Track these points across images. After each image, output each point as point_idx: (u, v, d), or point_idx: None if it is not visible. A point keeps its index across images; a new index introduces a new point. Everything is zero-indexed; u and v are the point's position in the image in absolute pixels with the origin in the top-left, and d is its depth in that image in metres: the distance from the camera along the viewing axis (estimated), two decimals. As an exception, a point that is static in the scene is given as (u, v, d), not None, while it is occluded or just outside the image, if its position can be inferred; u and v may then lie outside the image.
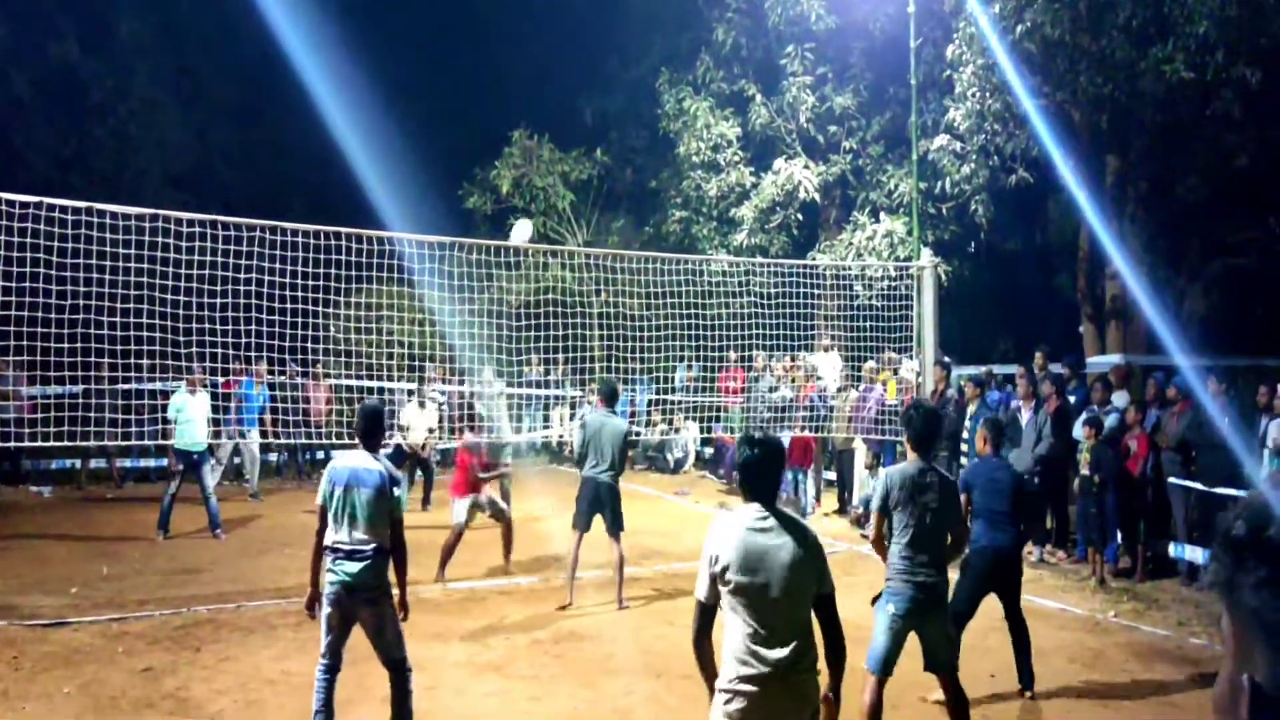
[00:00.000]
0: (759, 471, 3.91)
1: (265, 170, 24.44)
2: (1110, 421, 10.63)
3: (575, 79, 23.44)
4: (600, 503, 9.06)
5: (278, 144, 24.59)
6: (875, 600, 5.63)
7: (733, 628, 3.76)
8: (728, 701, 3.74)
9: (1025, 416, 11.32)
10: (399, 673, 5.76)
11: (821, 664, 3.85)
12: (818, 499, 13.24)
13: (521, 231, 12.16)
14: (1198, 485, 9.85)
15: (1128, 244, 15.57)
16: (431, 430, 12.98)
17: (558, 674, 7.27)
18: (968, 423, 11.68)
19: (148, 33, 23.76)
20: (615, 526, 9.07)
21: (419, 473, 13.77)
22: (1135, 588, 9.86)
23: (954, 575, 6.08)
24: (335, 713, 5.74)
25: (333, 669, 5.72)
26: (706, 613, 3.83)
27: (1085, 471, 10.29)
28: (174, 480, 11.87)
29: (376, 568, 5.61)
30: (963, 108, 16.28)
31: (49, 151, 22.53)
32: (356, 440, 5.89)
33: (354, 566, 5.57)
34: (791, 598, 3.73)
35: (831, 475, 14.20)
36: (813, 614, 3.82)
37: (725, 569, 3.73)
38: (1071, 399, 11.61)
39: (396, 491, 5.77)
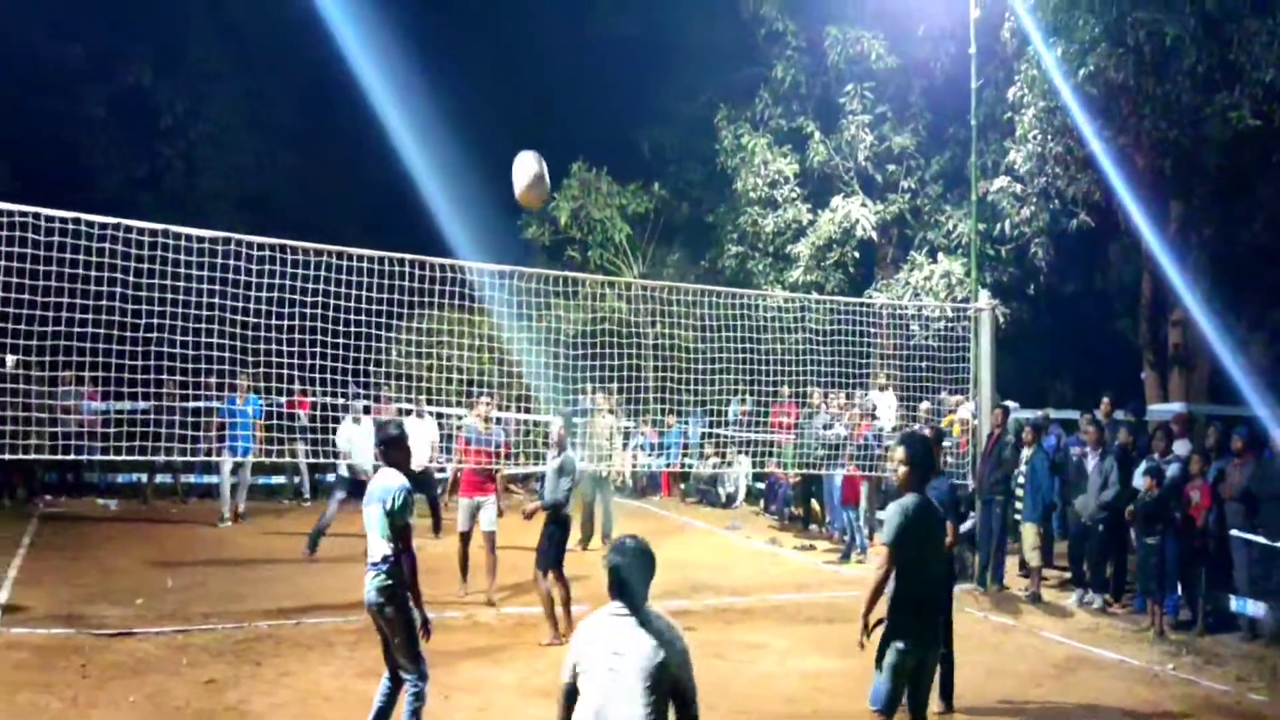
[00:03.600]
0: (625, 575, 4.02)
1: (327, 195, 24.88)
2: (1172, 470, 10.48)
3: (634, 113, 23.67)
4: None
5: (340, 170, 25.05)
6: (875, 632, 5.52)
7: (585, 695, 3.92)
8: None
9: (1091, 462, 11.18)
10: (401, 684, 5.91)
11: None
12: (870, 538, 13.14)
13: None
14: (1261, 538, 9.68)
15: (1191, 290, 15.38)
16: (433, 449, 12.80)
17: (610, 703, 7.28)
18: (1023, 466, 11.59)
19: (217, 59, 24.42)
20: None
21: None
22: (1195, 641, 9.67)
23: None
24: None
25: (389, 679, 5.95)
26: (568, 694, 3.98)
27: (1145, 521, 10.13)
28: (333, 501, 12.13)
29: (378, 579, 5.84)
30: (1024, 150, 16.24)
31: (122, 172, 23.21)
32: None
33: (368, 578, 5.89)
34: (644, 694, 3.84)
35: (884, 515, 14.08)
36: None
37: (581, 659, 3.93)
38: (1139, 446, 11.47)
39: (395, 500, 5.86)
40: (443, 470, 13.81)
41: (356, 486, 11.93)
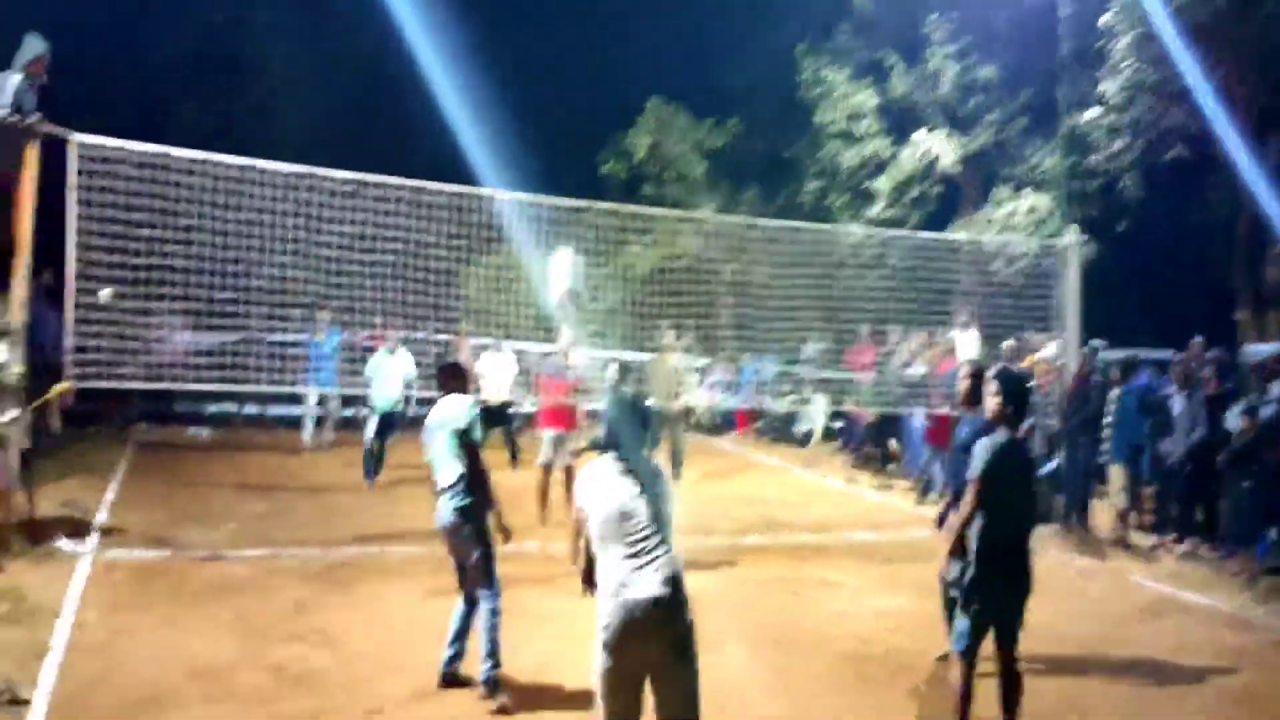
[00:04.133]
0: (614, 427, 4.27)
1: (402, 137, 25.01)
2: (1267, 412, 10.13)
3: (711, 47, 23.29)
4: None
5: (417, 106, 25.08)
6: (960, 577, 5.42)
7: (604, 563, 4.10)
8: (604, 628, 4.01)
9: (1178, 403, 10.86)
10: (477, 606, 5.99)
11: None
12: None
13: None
14: (1360, 483, 9.33)
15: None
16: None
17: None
18: (1111, 407, 11.30)
19: (288, 3, 24.62)
20: None
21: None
22: (1287, 585, 9.38)
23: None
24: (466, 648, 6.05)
25: (465, 600, 6.07)
26: (583, 526, 4.27)
27: (1238, 463, 9.83)
28: (368, 429, 12.36)
29: (455, 500, 5.96)
30: (1116, 80, 15.65)
31: (202, 114, 23.61)
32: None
33: (442, 502, 6.01)
34: (652, 527, 4.08)
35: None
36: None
37: (590, 505, 4.18)
38: (1225, 387, 11.10)
39: (462, 420, 6.00)
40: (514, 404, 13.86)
41: (384, 417, 12.27)
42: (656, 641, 4.00)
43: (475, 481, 6.00)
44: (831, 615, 8.01)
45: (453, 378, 6.36)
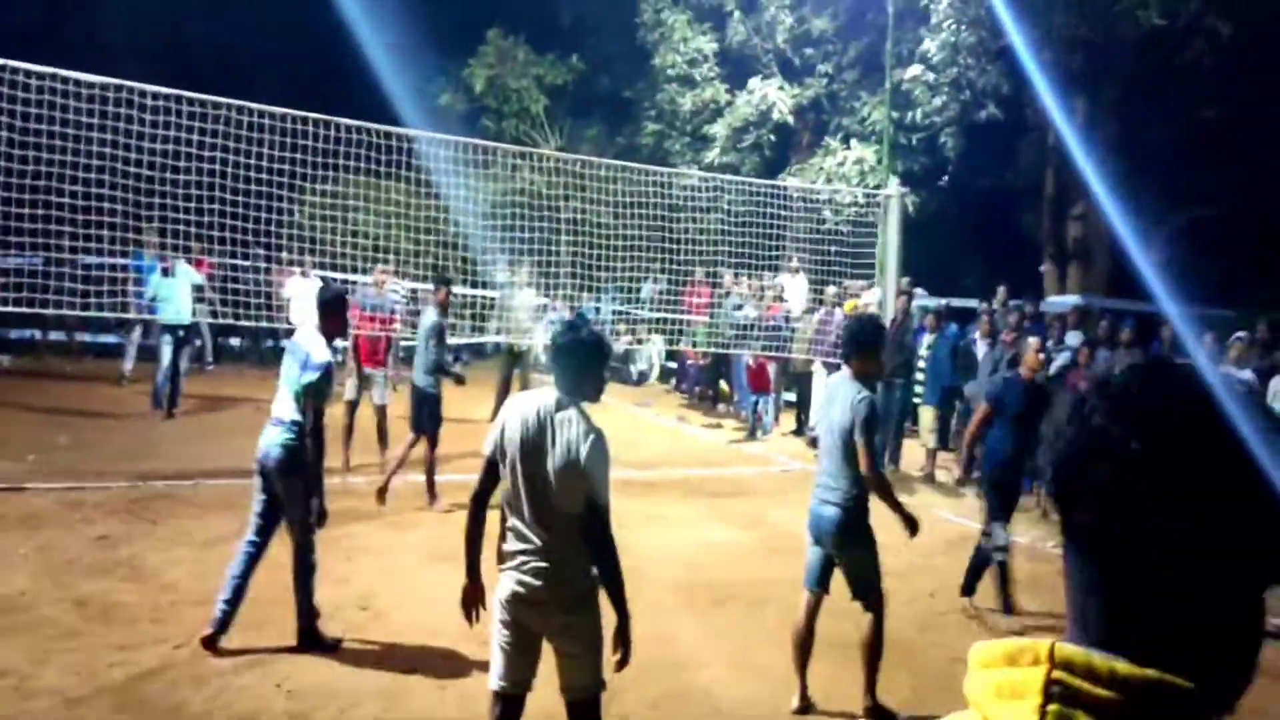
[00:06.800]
0: (563, 357, 3.86)
1: (235, 52, 23.67)
2: (1062, 359, 10.87)
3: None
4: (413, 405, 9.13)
5: (249, 25, 23.77)
6: None
7: (506, 509, 3.86)
8: (502, 577, 3.85)
9: (982, 349, 11.53)
10: (296, 550, 5.72)
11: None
12: (776, 420, 13.42)
13: None
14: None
15: (1093, 187, 15.74)
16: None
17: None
18: (924, 352, 11.90)
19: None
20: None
21: None
22: (1075, 521, 10.10)
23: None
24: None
25: (254, 542, 5.68)
26: (489, 468, 3.89)
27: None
28: (163, 357, 11.75)
29: (282, 439, 5.59)
30: (938, 39, 16.27)
31: (19, 17, 21.74)
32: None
33: (268, 433, 5.65)
34: (559, 489, 3.70)
35: (791, 397, 14.37)
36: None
37: (506, 440, 3.79)
38: (1031, 337, 11.82)
39: (310, 375, 5.59)
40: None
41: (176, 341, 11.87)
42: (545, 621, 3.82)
43: (312, 434, 5.65)
44: (658, 547, 8.17)
45: (336, 314, 5.84)
